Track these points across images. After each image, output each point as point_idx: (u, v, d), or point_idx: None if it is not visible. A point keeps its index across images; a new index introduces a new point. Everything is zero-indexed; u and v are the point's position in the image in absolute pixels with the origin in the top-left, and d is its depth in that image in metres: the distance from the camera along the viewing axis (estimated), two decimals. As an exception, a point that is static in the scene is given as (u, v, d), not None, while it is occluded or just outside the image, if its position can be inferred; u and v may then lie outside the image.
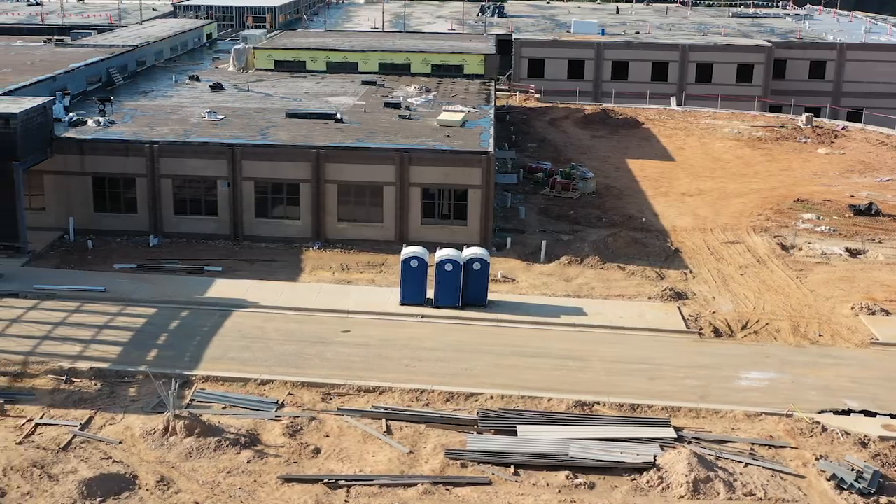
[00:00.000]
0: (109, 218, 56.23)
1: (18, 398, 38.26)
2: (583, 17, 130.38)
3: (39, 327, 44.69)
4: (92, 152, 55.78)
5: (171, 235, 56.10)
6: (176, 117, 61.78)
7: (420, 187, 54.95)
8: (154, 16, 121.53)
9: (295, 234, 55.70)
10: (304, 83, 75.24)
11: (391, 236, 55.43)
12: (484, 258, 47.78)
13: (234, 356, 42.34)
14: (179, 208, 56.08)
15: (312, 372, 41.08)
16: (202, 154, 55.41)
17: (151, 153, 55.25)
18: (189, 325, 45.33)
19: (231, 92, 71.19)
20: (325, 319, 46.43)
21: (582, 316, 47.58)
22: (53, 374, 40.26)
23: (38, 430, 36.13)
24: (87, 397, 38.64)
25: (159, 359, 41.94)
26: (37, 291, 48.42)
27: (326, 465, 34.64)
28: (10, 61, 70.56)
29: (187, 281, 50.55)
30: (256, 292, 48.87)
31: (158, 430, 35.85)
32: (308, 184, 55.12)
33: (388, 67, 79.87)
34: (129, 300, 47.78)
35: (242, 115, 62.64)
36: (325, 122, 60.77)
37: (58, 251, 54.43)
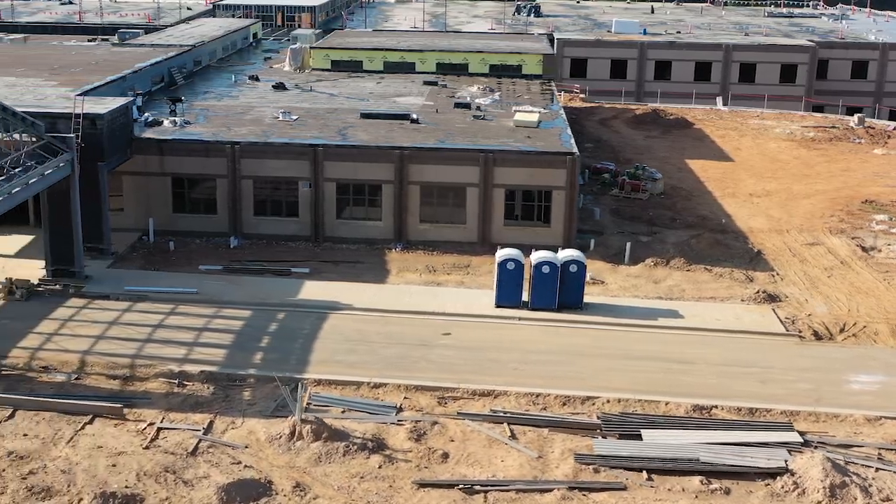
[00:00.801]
0: (188, 219, 55.90)
1: (135, 402, 37.90)
2: (616, 16, 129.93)
3: (139, 330, 44.35)
4: (172, 153, 55.43)
5: (250, 237, 55.74)
6: (249, 118, 61.41)
7: (504, 188, 54.57)
8: (191, 15, 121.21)
9: (376, 236, 55.33)
10: (365, 83, 74.86)
11: (474, 237, 55.09)
12: (580, 260, 47.46)
13: (340, 359, 41.98)
14: (259, 209, 55.73)
15: (423, 375, 40.73)
16: (284, 155, 55.06)
17: (233, 154, 54.90)
18: (288, 328, 44.98)
19: (295, 92, 70.82)
20: (423, 322, 46.07)
21: (679, 318, 47.22)
22: (164, 377, 39.94)
23: (161, 435, 35.74)
24: (203, 401, 38.29)
25: (266, 362, 41.59)
26: (128, 293, 48.08)
27: (457, 470, 34.29)
28: (74, 61, 70.14)
29: (276, 283, 50.21)
30: (347, 294, 48.51)
31: (284, 435, 35.50)
32: (390, 185, 54.76)
33: (445, 67, 79.47)
34: (223, 302, 47.42)
35: (315, 116, 62.26)
36: (400, 123, 60.40)
37: (139, 252, 54.09)
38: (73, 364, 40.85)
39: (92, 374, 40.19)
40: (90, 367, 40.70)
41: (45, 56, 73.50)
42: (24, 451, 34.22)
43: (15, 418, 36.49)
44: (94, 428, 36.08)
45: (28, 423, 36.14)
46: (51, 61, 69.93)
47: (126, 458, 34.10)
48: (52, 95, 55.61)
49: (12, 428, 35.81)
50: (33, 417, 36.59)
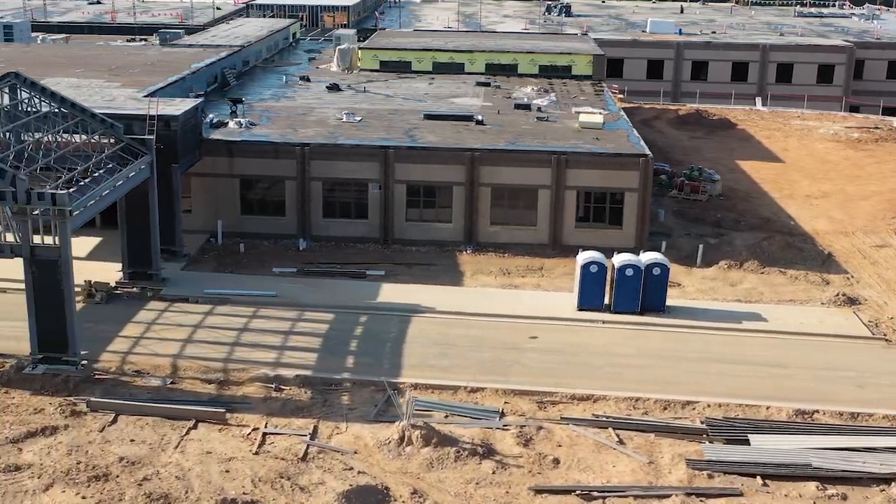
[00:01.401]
0: (256, 221, 55.62)
1: (235, 407, 37.61)
2: (644, 16, 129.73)
3: (225, 333, 44.08)
4: (241, 154, 55.16)
5: (318, 239, 55.46)
6: (312, 119, 61.13)
7: (575, 190, 54.27)
8: (223, 14, 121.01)
9: (446, 238, 55.05)
10: (416, 84, 74.57)
11: (544, 240, 54.81)
12: (664, 263, 47.18)
13: (433, 363, 41.70)
14: (328, 211, 55.46)
15: (519, 379, 40.45)
16: (354, 156, 54.78)
17: (302, 155, 54.61)
18: (373, 331, 44.70)
19: (349, 93, 70.54)
20: (507, 325, 45.80)
21: (762, 321, 46.94)
22: (259, 381, 39.64)
23: (268, 440, 35.45)
24: (303, 406, 38.00)
25: (358, 366, 41.31)
26: (207, 296, 47.80)
27: (570, 476, 34.01)
28: (130, 61, 69.84)
29: (353, 285, 49.94)
30: (426, 297, 48.23)
31: (394, 440, 35.22)
32: (461, 187, 54.48)
33: (494, 68, 79.14)
34: (304, 305, 47.13)
35: (378, 117, 61.98)
36: (465, 124, 60.12)
37: (210, 254, 53.80)
38: (166, 368, 40.57)
39: (186, 378, 39.90)
40: (183, 371, 40.41)
41: (99, 56, 73.21)
42: (135, 456, 33.94)
43: (118, 423, 36.20)
44: (199, 433, 35.79)
45: (132, 429, 35.86)
46: (106, 62, 69.63)
47: (237, 463, 33.82)
48: (120, 97, 55.30)
49: (117, 433, 35.54)
50: (136, 422, 36.31)
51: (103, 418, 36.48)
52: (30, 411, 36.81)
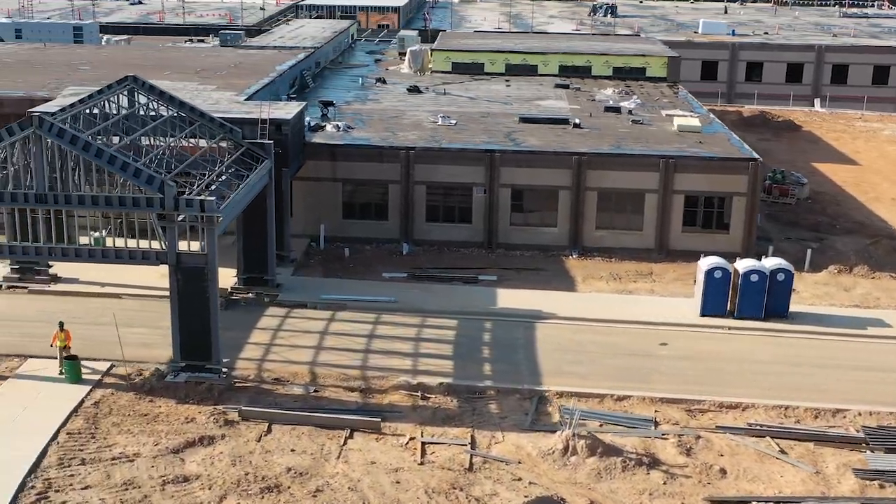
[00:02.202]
0: (358, 225, 55.25)
1: (385, 415, 37.20)
2: (687, 16, 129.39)
3: (353, 340, 43.71)
4: (344, 158, 54.77)
5: (421, 243, 55.08)
6: (406, 122, 60.74)
7: (683, 194, 53.83)
8: (269, 14, 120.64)
9: (550, 242, 54.67)
10: (494, 86, 74.16)
11: (650, 244, 54.38)
12: (788, 269, 46.74)
13: (571, 370, 41.28)
14: (432, 215, 55.08)
15: (662, 387, 40.02)
16: (459, 160, 54.38)
17: (407, 159, 54.19)
18: (502, 338, 44.27)
19: (430, 95, 70.16)
20: (633, 331, 45.39)
21: (887, 328, 46.50)
22: (403, 389, 39.21)
23: (428, 450, 35.02)
24: (453, 414, 37.58)
25: (497, 373, 40.89)
26: (325, 302, 47.40)
27: (740, 486, 33.58)
28: (213, 63, 69.45)
29: (467, 290, 49.55)
30: (543, 302, 47.79)
31: (557, 450, 34.80)
32: (567, 191, 54.07)
33: (568, 70, 78.70)
34: (425, 311, 46.71)
35: (472, 120, 61.59)
36: (562, 127, 59.73)
37: (316, 259, 53.44)
38: (304, 376, 40.19)
39: (327, 386, 39.49)
40: (322, 379, 40.03)
41: (179, 58, 72.85)
42: (301, 467, 33.54)
43: (273, 433, 35.78)
44: (357, 442, 35.38)
45: (289, 438, 35.44)
46: (188, 63, 69.25)
47: (406, 474, 33.41)
48: (222, 100, 54.90)
49: (275, 443, 35.13)
50: (291, 432, 35.90)
51: (257, 427, 36.06)
52: (181, 420, 36.40)
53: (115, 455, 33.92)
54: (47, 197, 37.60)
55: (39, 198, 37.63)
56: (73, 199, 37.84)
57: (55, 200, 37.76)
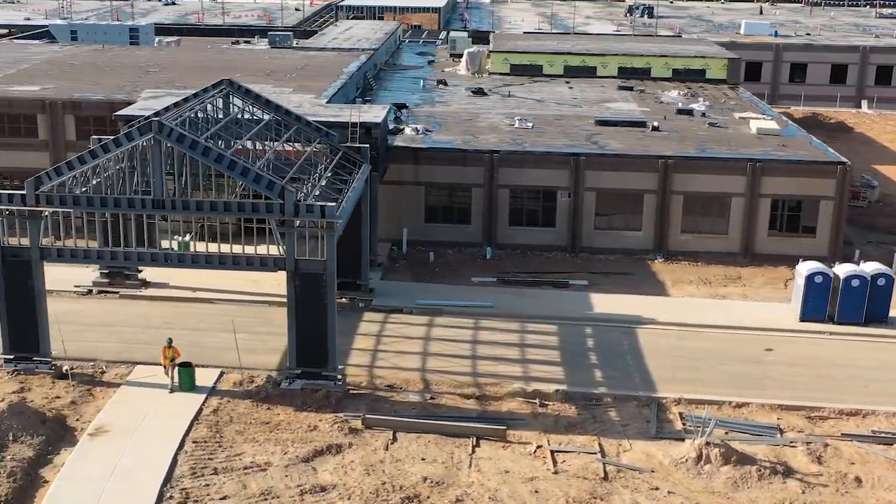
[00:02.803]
0: (440, 229, 54.91)
1: (510, 423, 36.85)
2: (723, 16, 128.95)
3: (458, 346, 43.38)
4: (428, 162, 54.45)
5: (504, 247, 54.74)
6: (482, 124, 60.41)
7: (769, 198, 53.47)
8: (306, 15, 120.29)
9: (634, 246, 54.32)
10: (557, 88, 73.83)
11: (735, 248, 54.03)
12: (889, 274, 46.40)
13: (683, 377, 40.86)
14: (514, 219, 54.74)
15: (777, 394, 39.62)
16: (544, 164, 54.03)
17: (491, 163, 53.84)
18: (606, 343, 43.92)
19: (495, 97, 69.78)
20: (736, 337, 45.02)
21: None
22: (519, 396, 38.86)
23: (559, 458, 34.66)
24: (575, 422, 37.23)
25: (610, 380, 40.53)
26: (421, 307, 47.06)
27: (880, 496, 33.21)
28: (278, 65, 69.13)
29: (559, 295, 49.22)
30: (639, 307, 47.44)
31: (690, 459, 34.41)
32: (653, 194, 53.70)
33: (626, 71, 78.35)
34: (523, 316, 46.36)
35: (547, 122, 61.28)
36: (641, 130, 59.38)
37: (401, 263, 53.11)
38: (416, 383, 39.85)
39: (440, 392, 39.14)
40: (435, 385, 39.69)
41: (244, 60, 72.55)
42: (436, 476, 33.19)
43: (399, 441, 35.44)
44: (485, 451, 35.05)
45: (416, 447, 35.10)
46: (254, 66, 68.91)
47: (542, 483, 33.06)
48: (304, 103, 54.54)
49: (404, 452, 34.78)
50: (416, 440, 35.56)
51: (381, 436, 35.71)
52: (304, 428, 36.04)
53: (246, 464, 33.57)
54: (165, 203, 37.21)
55: (157, 203, 37.26)
56: (191, 205, 37.47)
57: (173, 206, 37.38)
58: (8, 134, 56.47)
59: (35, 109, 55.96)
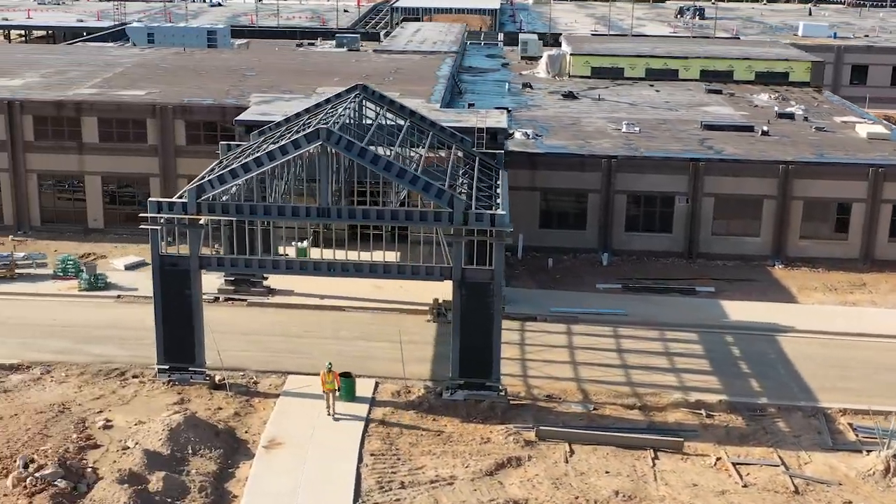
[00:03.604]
0: (555, 234, 54.38)
1: (682, 434, 36.30)
2: (773, 18, 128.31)
3: (603, 355, 43.03)
4: (544, 167, 53.91)
5: (619, 252, 54.20)
6: (588, 129, 59.88)
7: (890, 204, 52.94)
8: (357, 18, 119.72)
9: (752, 252, 53.79)
10: (644, 91, 73.26)
11: (855, 254, 53.50)
12: None
13: (842, 386, 40.37)
14: (631, 225, 54.18)
15: (943, 405, 39.10)
16: (662, 169, 53.48)
17: (609, 168, 53.31)
18: (751, 352, 43.40)
19: (587, 101, 69.20)
20: (881, 345, 44.58)
21: None
22: (681, 406, 38.33)
23: (743, 471, 34.11)
24: (745, 433, 36.67)
25: (768, 389, 40.01)
26: (555, 315, 46.56)
27: None
28: (365, 69, 68.59)
29: (691, 302, 48.75)
30: (773, 315, 46.98)
31: (878, 471, 33.87)
32: (772, 200, 53.15)
33: (709, 74, 77.82)
34: (659, 324, 45.84)
35: (652, 126, 60.73)
36: (750, 135, 58.82)
37: (519, 269, 52.55)
38: (573, 392, 39.36)
39: (601, 403, 38.61)
40: (594, 395, 39.17)
41: (331, 63, 72.15)
42: (625, 489, 32.65)
43: (576, 453, 34.90)
44: (665, 463, 34.51)
45: (597, 459, 34.56)
46: (348, 69, 68.50)
47: (734, 497, 32.55)
48: (420, 107, 53.71)
49: (585, 464, 34.24)
50: (593, 452, 35.03)
51: (557, 448, 35.18)
52: (477, 441, 35.54)
53: (431, 478, 33.05)
54: (330, 211, 36.70)
55: (322, 212, 36.75)
56: (356, 214, 36.99)
57: (338, 214, 36.88)
58: (116, 139, 55.91)
59: (145, 114, 55.45)
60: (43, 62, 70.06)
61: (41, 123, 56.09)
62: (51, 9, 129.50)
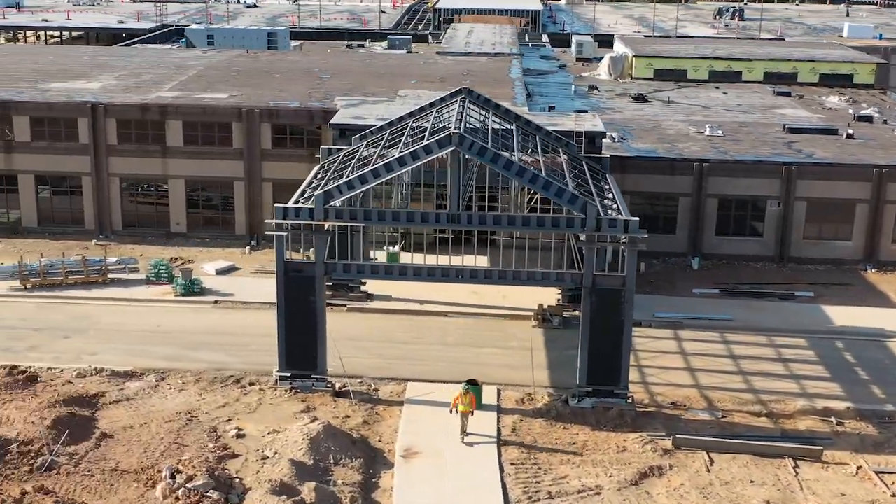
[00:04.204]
0: (646, 239, 53.75)
1: (818, 442, 35.92)
2: (813, 19, 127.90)
3: (718, 361, 42.64)
4: (634, 170, 53.48)
5: (709, 257, 53.82)
6: (670, 132, 59.56)
7: None
8: (398, 19, 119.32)
9: (843, 256, 53.43)
10: (711, 93, 72.92)
11: (949, 258, 53.12)
12: None
13: (965, 393, 40.00)
14: (721, 228, 53.77)
15: None
16: (753, 173, 53.08)
17: (700, 172, 52.92)
18: (867, 358, 43.09)
19: (658, 103, 68.82)
20: None
21: None
22: (809, 414, 37.94)
23: (888, 480, 33.72)
24: (880, 441, 36.27)
25: (892, 396, 39.56)
26: (660, 320, 46.20)
27: None
28: (444, 71, 68.29)
29: (793, 308, 48.38)
30: (877, 320, 46.76)
31: None
32: (864, 204, 52.78)
33: (772, 76, 77.47)
34: (765, 329, 45.48)
35: (733, 130, 60.32)
36: (834, 138, 58.46)
37: (612, 274, 52.06)
38: (696, 400, 38.99)
39: (727, 410, 38.21)
40: (719, 403, 38.78)
41: (398, 66, 71.64)
42: (774, 499, 32.24)
43: (716, 462, 34.49)
44: (807, 472, 34.08)
45: (738, 468, 34.10)
46: (417, 71, 68.18)
47: (889, 508, 32.15)
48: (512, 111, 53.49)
49: (728, 474, 33.80)
50: (732, 461, 34.60)
51: (695, 457, 34.76)
52: (614, 449, 35.15)
53: (577, 488, 32.66)
54: (461, 217, 36.31)
55: (453, 218, 36.35)
56: (487, 220, 36.62)
57: (469, 220, 36.50)
58: (201, 143, 55.51)
59: (231, 117, 55.03)
60: (110, 64, 69.68)
61: (125, 127, 55.67)
62: (87, 10, 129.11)
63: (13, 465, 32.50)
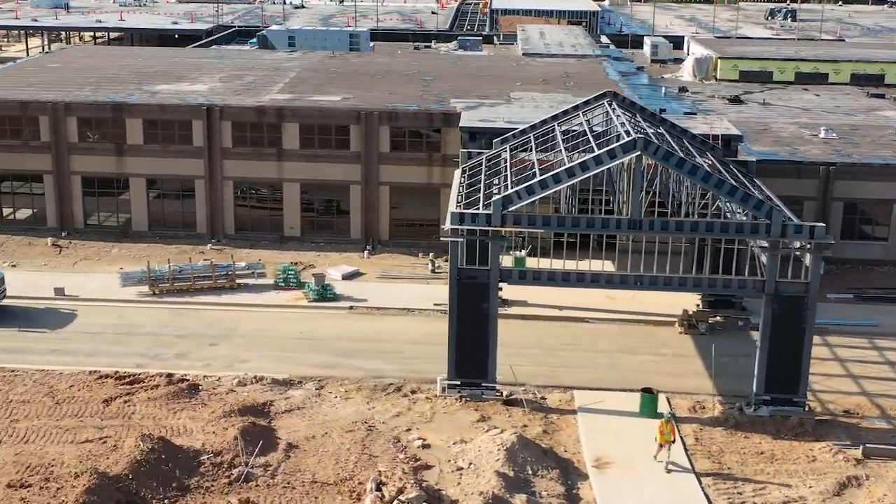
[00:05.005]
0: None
1: None
2: (863, 19, 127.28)
3: (876, 368, 42.09)
4: (758, 174, 52.68)
5: (832, 261, 53.00)
6: (783, 134, 58.94)
7: None
8: (447, 19, 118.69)
9: (970, 259, 52.83)
10: (805, 95, 72.32)
11: None
12: None
13: None
14: (846, 232, 53.22)
15: None
16: (881, 176, 52.55)
17: (827, 175, 52.37)
18: None
19: (755, 105, 68.21)
20: None
21: None
22: None
23: None
24: None
25: None
26: (807, 326, 45.63)
27: None
28: (542, 74, 67.70)
29: (932, 313, 47.90)
30: None
31: None
32: None
33: (860, 78, 76.89)
34: (911, 335, 45.05)
35: (845, 133, 59.72)
36: (949, 140, 57.95)
37: (739, 279, 51.54)
38: (867, 407, 38.65)
39: None
40: (891, 410, 38.27)
41: (490, 67, 71.20)
42: (985, 511, 31.73)
43: (904, 471, 34.02)
44: None
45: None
46: (515, 74, 67.63)
47: None
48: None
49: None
50: (925, 470, 34.11)
51: (889, 466, 34.26)
52: (804, 459, 34.62)
53: (781, 499, 32.21)
54: (642, 223, 35.77)
55: (634, 224, 35.81)
56: (669, 226, 36.08)
57: (650, 227, 35.98)
58: (318, 146, 54.93)
59: (349, 120, 54.43)
60: (203, 66, 69.06)
61: (240, 130, 55.07)
62: (136, 10, 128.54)
63: (210, 477, 32.01)
